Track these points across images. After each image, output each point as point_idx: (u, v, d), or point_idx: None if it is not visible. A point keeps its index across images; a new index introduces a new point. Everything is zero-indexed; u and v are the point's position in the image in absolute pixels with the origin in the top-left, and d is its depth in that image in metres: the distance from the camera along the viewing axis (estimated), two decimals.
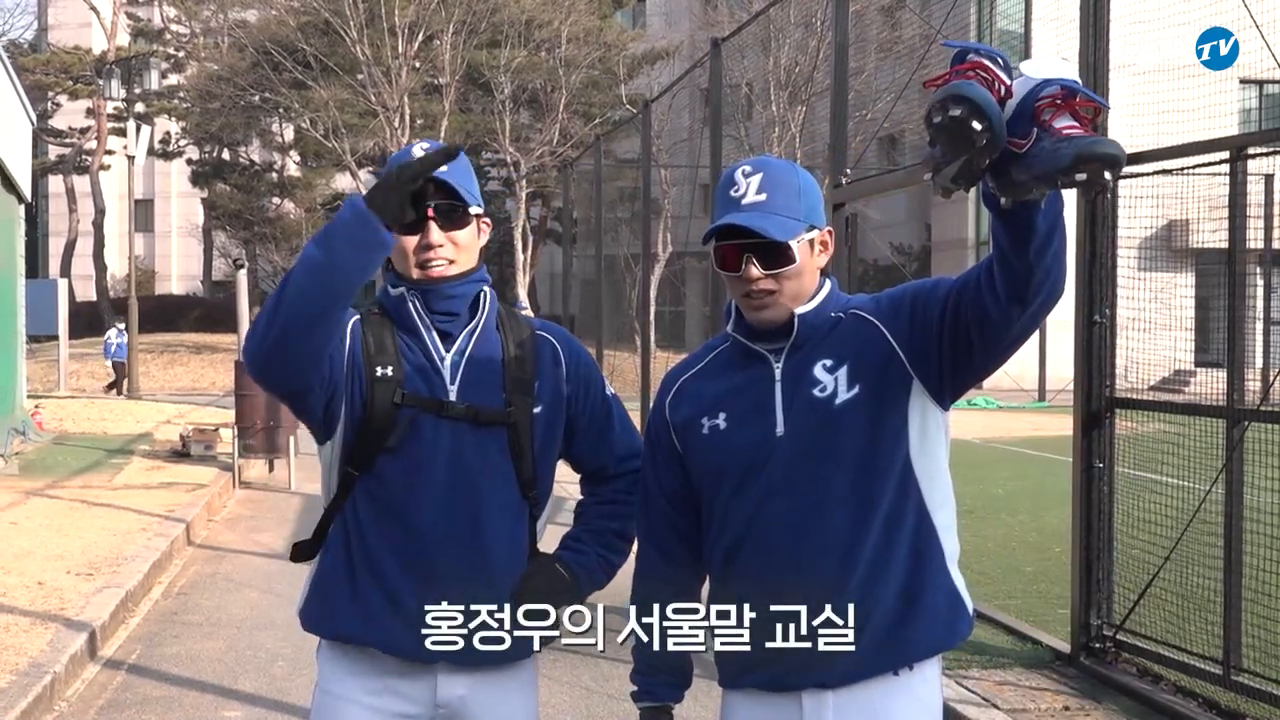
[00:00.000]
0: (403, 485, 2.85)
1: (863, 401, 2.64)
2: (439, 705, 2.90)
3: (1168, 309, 8.75)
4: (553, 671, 6.97)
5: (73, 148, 51.95)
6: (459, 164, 2.81)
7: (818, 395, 2.66)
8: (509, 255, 42.29)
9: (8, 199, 19.04)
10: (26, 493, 13.33)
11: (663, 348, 25.07)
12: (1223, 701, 6.00)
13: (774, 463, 2.67)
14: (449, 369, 2.89)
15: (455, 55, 38.29)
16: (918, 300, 2.66)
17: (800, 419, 2.66)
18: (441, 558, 2.83)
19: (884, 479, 2.64)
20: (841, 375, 2.66)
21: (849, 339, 2.69)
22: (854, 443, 2.63)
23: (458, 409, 2.87)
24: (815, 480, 2.65)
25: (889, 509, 2.63)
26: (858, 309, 2.73)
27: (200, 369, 37.21)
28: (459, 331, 2.92)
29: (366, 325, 2.90)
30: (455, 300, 2.90)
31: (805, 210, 2.70)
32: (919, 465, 2.67)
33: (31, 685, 6.51)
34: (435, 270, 2.87)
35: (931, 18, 13.57)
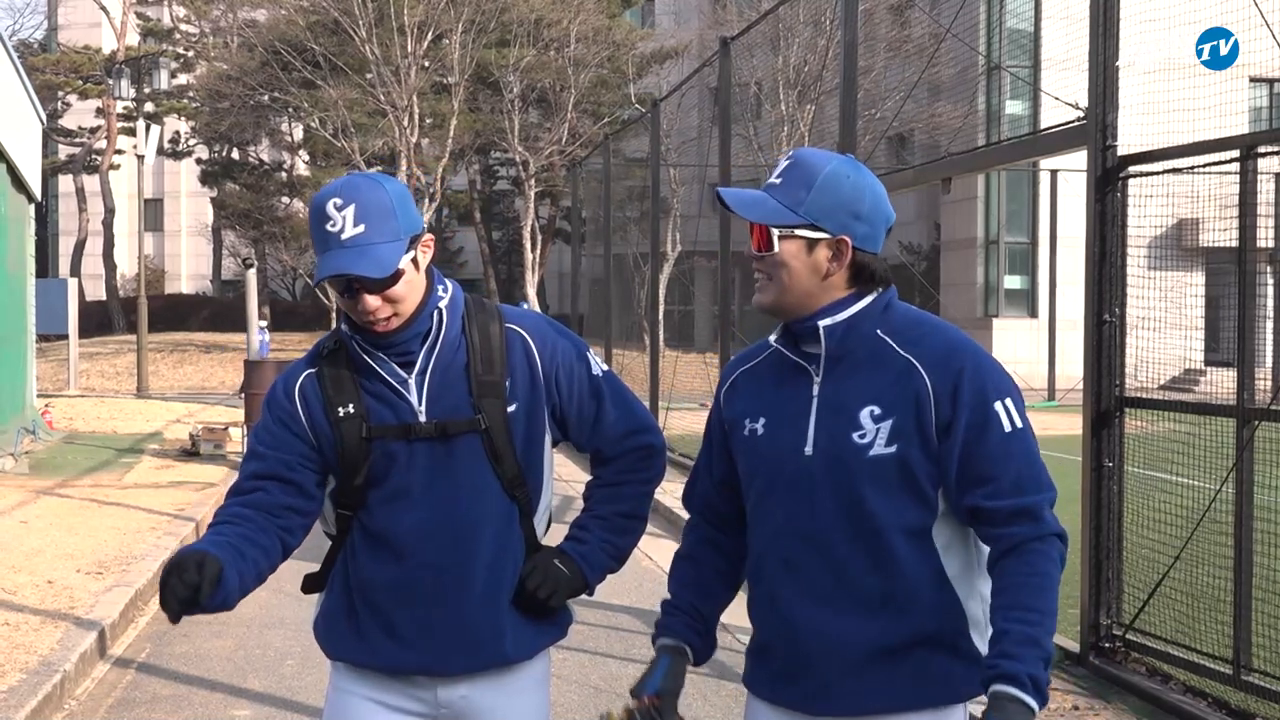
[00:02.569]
0: (387, 515, 2.90)
1: (894, 461, 2.58)
2: (441, 705, 2.95)
3: (1178, 308, 8.74)
4: (561, 670, 6.98)
5: (82, 147, 52.05)
6: (373, 220, 2.74)
7: (856, 440, 2.60)
8: (518, 254, 42.32)
9: (18, 198, 19.08)
10: (36, 491, 13.35)
11: (671, 347, 25.08)
12: (1232, 701, 5.99)
13: (800, 481, 2.65)
14: (414, 390, 2.88)
15: (464, 54, 38.28)
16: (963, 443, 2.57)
17: (832, 452, 2.62)
18: (428, 579, 2.88)
19: (898, 536, 2.60)
20: (885, 428, 2.59)
21: (898, 388, 2.60)
22: (876, 495, 2.59)
23: (426, 429, 2.86)
24: (829, 515, 2.62)
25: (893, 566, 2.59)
26: (915, 358, 2.61)
27: (210, 368, 37.26)
28: (418, 352, 2.90)
29: (323, 370, 2.92)
30: (407, 341, 2.88)
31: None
32: (939, 532, 2.63)
33: (42, 684, 6.53)
34: (380, 328, 2.84)
35: (941, 17, 13.56)
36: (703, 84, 24.91)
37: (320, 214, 2.74)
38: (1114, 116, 6.76)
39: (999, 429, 2.56)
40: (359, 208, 2.72)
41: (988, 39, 25.76)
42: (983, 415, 2.56)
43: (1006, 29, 29.25)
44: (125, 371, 34.93)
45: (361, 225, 2.72)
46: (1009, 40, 30.05)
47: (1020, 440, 2.58)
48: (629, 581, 9.34)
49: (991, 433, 2.56)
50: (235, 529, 2.83)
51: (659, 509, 12.61)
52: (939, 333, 2.66)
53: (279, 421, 2.93)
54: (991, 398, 2.57)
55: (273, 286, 50.82)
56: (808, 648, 2.65)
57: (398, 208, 2.77)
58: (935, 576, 2.61)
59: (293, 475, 2.89)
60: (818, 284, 2.64)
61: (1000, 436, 2.55)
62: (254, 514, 2.87)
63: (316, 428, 2.89)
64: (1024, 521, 2.54)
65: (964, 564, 2.64)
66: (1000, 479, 2.54)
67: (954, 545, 2.63)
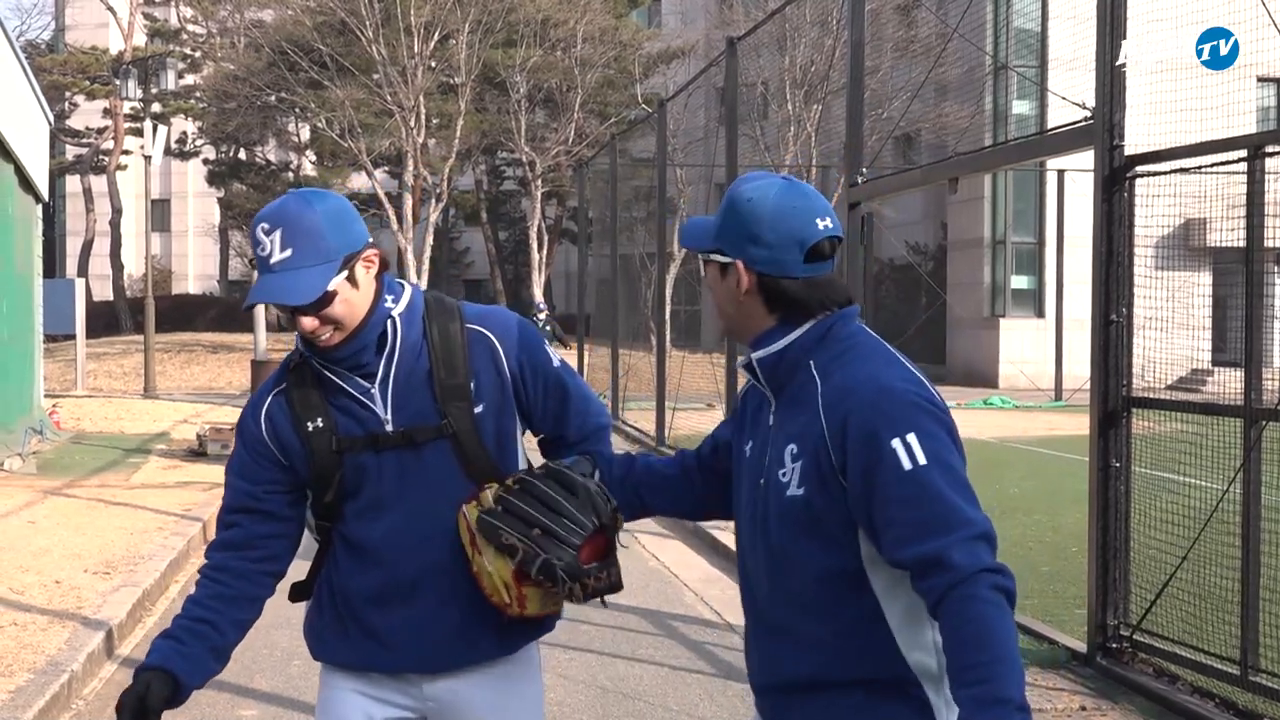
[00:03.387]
0: (363, 524, 2.93)
1: (803, 504, 2.49)
2: (428, 699, 3.00)
3: (1185, 308, 8.72)
4: (568, 671, 6.98)
5: (90, 148, 52.15)
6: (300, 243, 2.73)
7: (780, 479, 2.53)
8: (524, 254, 42.36)
9: (25, 199, 19.11)
10: (44, 491, 13.37)
11: (678, 347, 25.06)
12: (1240, 702, 5.98)
13: (750, 512, 2.64)
14: (379, 400, 2.89)
15: (471, 55, 38.32)
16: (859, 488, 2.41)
17: (767, 489, 2.57)
18: (404, 584, 2.92)
19: (820, 579, 2.50)
20: (796, 470, 2.49)
21: (807, 428, 2.49)
22: (792, 537, 2.51)
23: (392, 438, 2.88)
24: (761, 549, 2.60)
25: (813, 605, 2.51)
26: (820, 396, 2.49)
27: (217, 368, 37.27)
28: (376, 363, 2.89)
29: (290, 388, 2.95)
30: (357, 354, 2.87)
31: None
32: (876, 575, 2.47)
33: (49, 683, 6.54)
34: (323, 344, 2.86)
35: (948, 16, 13.55)
36: (709, 84, 24.88)
37: (253, 238, 2.77)
38: (1121, 116, 6.76)
39: (894, 469, 2.35)
40: (285, 231, 2.72)
41: (995, 39, 25.71)
42: (873, 456, 2.37)
43: (1013, 29, 29.21)
44: (132, 371, 34.96)
45: (289, 250, 2.72)
46: (1016, 40, 30.02)
47: (921, 479, 2.34)
48: (635, 581, 9.33)
49: (885, 474, 2.36)
50: (213, 589, 2.94)
51: None
52: (851, 365, 2.51)
53: (248, 448, 2.98)
54: (885, 435, 2.37)
55: None
56: (755, 682, 2.69)
57: (328, 228, 2.75)
58: (869, 622, 2.47)
59: (261, 505, 2.95)
60: (737, 310, 2.60)
61: (896, 478, 2.35)
62: (233, 560, 2.96)
63: (286, 446, 2.92)
64: (935, 572, 2.31)
65: (907, 611, 2.47)
66: (899, 525, 2.35)
67: (897, 590, 2.46)
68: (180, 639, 2.89)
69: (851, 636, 2.48)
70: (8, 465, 15.27)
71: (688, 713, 6.52)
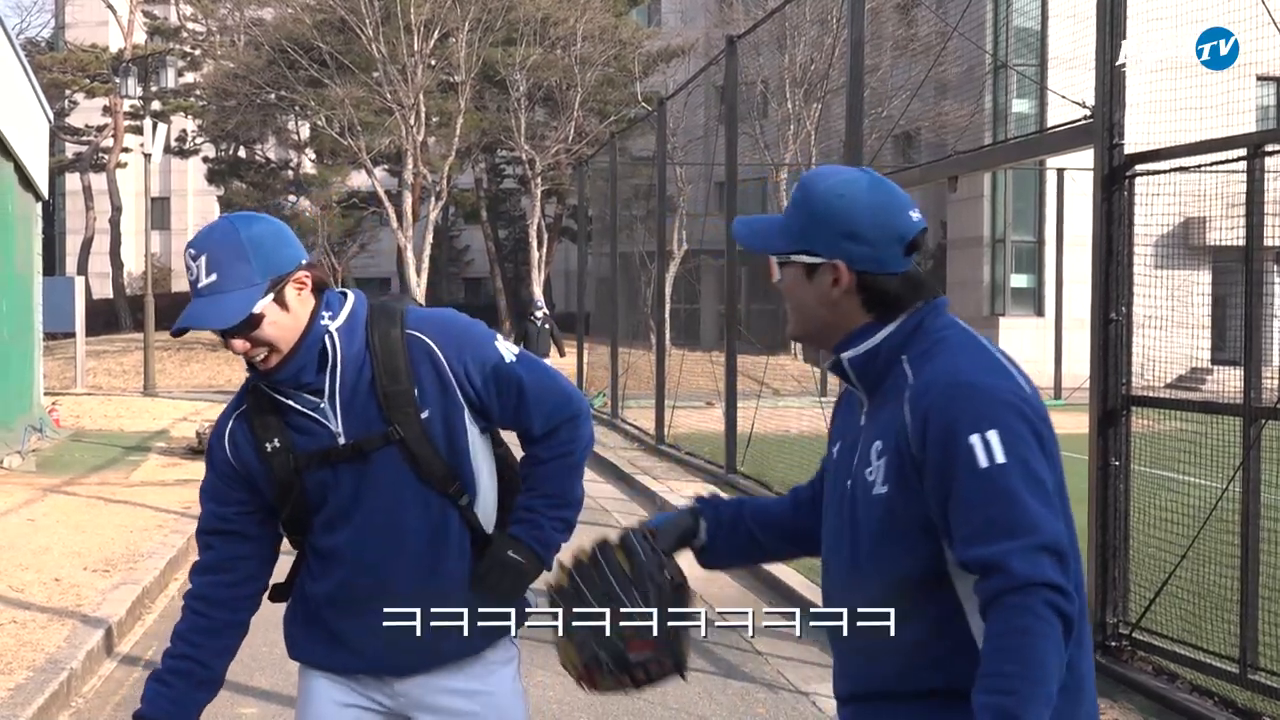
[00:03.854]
0: (326, 535, 3.01)
1: (885, 502, 2.41)
2: (399, 694, 3.07)
3: (1184, 307, 8.72)
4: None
5: (89, 146, 52.12)
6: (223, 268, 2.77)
7: (867, 477, 2.44)
8: (524, 253, 42.35)
9: (25, 197, 19.11)
10: (44, 489, 13.37)
11: (678, 345, 25.06)
12: (1239, 700, 5.98)
13: (837, 516, 2.54)
14: (330, 415, 2.94)
15: (470, 53, 38.31)
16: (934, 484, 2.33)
17: (855, 489, 2.48)
18: (363, 589, 2.97)
19: (900, 581, 2.41)
20: (881, 466, 2.41)
21: (893, 424, 2.41)
22: (877, 538, 2.43)
23: (343, 452, 2.93)
24: (848, 550, 2.50)
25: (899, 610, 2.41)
26: (905, 391, 2.41)
27: (216, 366, 37.26)
28: (321, 380, 2.92)
29: (251, 409, 3.00)
30: (297, 374, 2.90)
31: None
32: (962, 581, 2.36)
33: (49, 681, 6.54)
34: (262, 366, 2.90)
35: (948, 15, 13.54)
36: (709, 82, 24.87)
37: (185, 263, 2.82)
38: (1121, 115, 6.76)
39: (969, 466, 2.26)
40: (209, 257, 2.77)
41: (994, 37, 25.71)
42: (950, 452, 2.28)
43: (1013, 27, 29.22)
44: (132, 369, 34.96)
45: (214, 274, 2.77)
46: (1016, 39, 30.02)
47: (994, 478, 2.25)
48: None
49: (960, 471, 2.27)
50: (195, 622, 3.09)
51: (665, 508, 12.61)
52: (939, 359, 2.42)
53: (215, 470, 3.06)
54: (964, 431, 2.28)
55: None
56: (837, 688, 2.62)
57: (252, 252, 2.77)
58: (952, 629, 2.37)
59: (231, 526, 3.05)
60: (830, 311, 2.49)
61: (970, 475, 2.26)
62: (212, 587, 3.08)
63: (249, 467, 2.99)
64: (993, 575, 2.22)
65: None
66: (967, 524, 2.27)
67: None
68: (167, 682, 3.03)
69: (934, 644, 2.38)
70: (7, 463, 15.27)
71: (687, 711, 6.52)
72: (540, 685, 6.73)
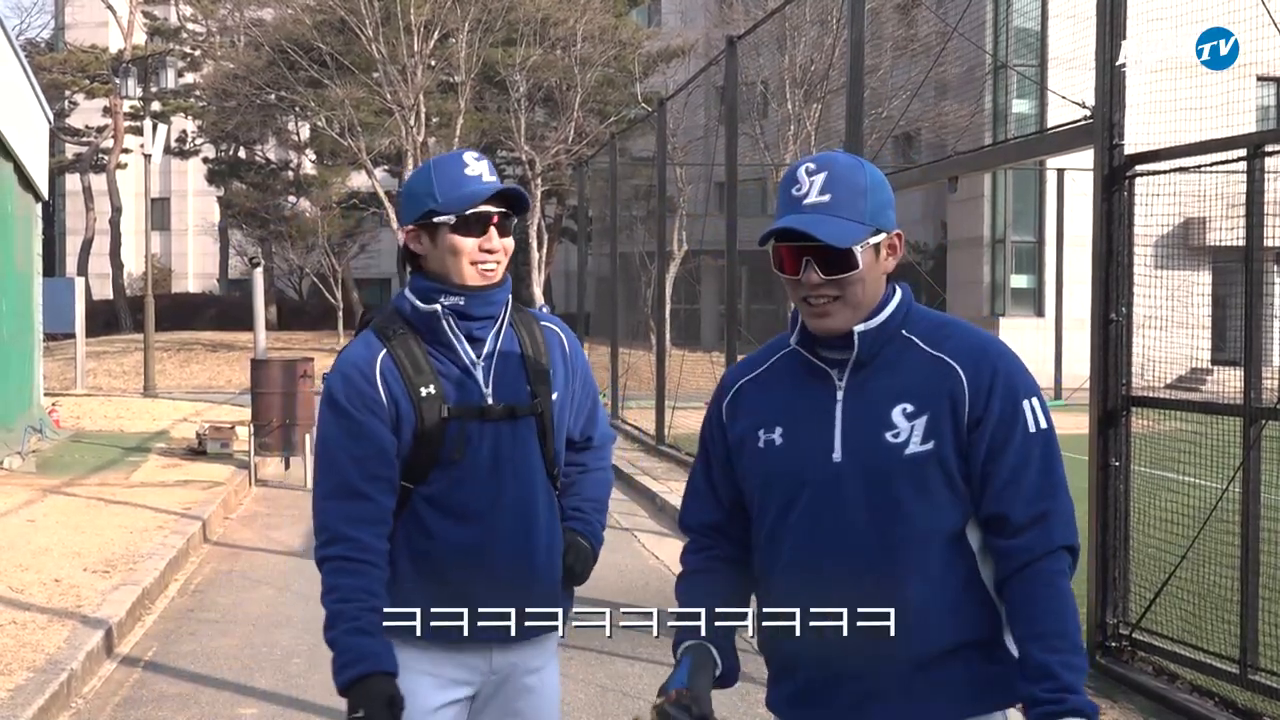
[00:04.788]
0: (457, 488, 3.01)
1: (932, 458, 2.50)
2: (493, 672, 3.09)
3: (1184, 307, 8.72)
4: (568, 669, 6.97)
5: (90, 146, 52.13)
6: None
7: (889, 439, 2.51)
8: (524, 253, 42.28)
9: (25, 197, 19.11)
10: (44, 490, 13.37)
11: (678, 346, 25.06)
12: (1239, 700, 5.98)
13: (829, 489, 2.55)
14: (481, 373, 3.04)
15: (470, 53, 38.30)
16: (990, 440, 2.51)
17: (864, 455, 2.53)
18: (500, 548, 3.02)
19: (934, 541, 2.51)
20: (919, 425, 2.51)
21: (930, 384, 2.53)
22: (914, 497, 2.50)
23: (497, 410, 3.03)
24: (864, 523, 2.52)
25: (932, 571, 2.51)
26: (947, 355, 2.55)
27: (216, 367, 37.29)
28: (487, 335, 3.05)
29: (395, 351, 3.00)
30: (496, 305, 3.05)
31: (871, 211, 2.53)
32: (973, 534, 2.55)
33: (49, 682, 6.54)
34: (490, 274, 3.01)
35: (947, 15, 13.54)
36: (709, 83, 24.87)
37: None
38: (1121, 115, 6.76)
39: (1024, 428, 2.50)
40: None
41: (994, 38, 25.71)
42: (1011, 411, 2.50)
43: (1013, 28, 29.22)
44: (132, 370, 34.98)
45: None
46: (1016, 39, 30.02)
47: (1042, 442, 2.52)
48: (635, 580, 9.35)
49: (1018, 431, 2.50)
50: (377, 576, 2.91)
51: (665, 509, 12.61)
52: (964, 328, 2.62)
53: (359, 411, 2.95)
54: (1021, 394, 2.52)
55: (279, 285, 50.84)
56: (834, 667, 2.55)
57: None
58: (972, 581, 2.53)
59: (387, 472, 2.96)
60: (877, 286, 2.57)
61: (1024, 436, 2.50)
62: (379, 539, 2.95)
63: (399, 408, 2.97)
64: (1032, 530, 2.46)
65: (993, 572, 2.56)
66: (1014, 483, 2.48)
67: (987, 552, 2.55)
68: (373, 634, 2.85)
69: (958, 596, 2.52)
70: (7, 464, 15.27)
71: None
72: None
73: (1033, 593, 2.45)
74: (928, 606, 2.50)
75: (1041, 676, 2.39)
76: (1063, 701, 2.37)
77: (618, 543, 10.92)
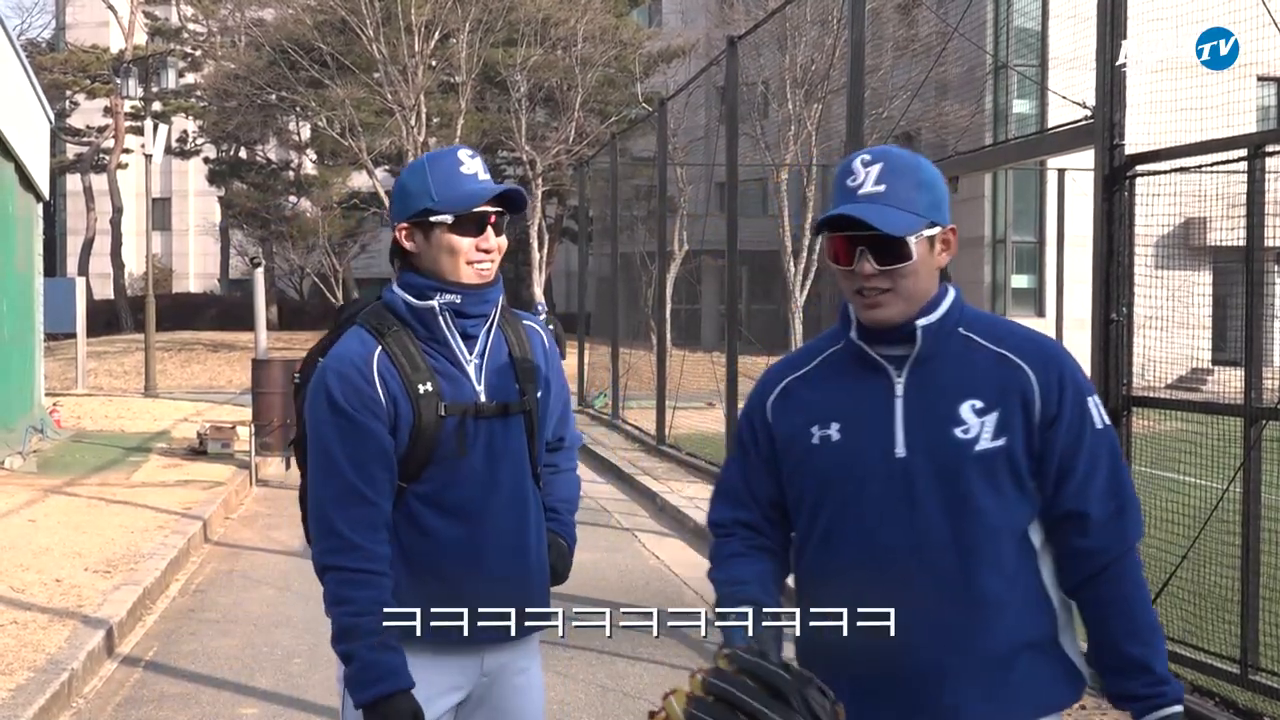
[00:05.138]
0: (453, 485, 3.01)
1: (1003, 455, 2.50)
2: (484, 674, 3.08)
3: (1185, 307, 8.72)
4: (569, 669, 6.98)
5: (90, 146, 52.11)
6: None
7: (959, 435, 2.51)
8: (524, 253, 42.31)
9: (26, 198, 19.11)
10: (45, 490, 13.38)
11: (679, 346, 25.07)
12: (1240, 700, 5.98)
13: (896, 485, 2.52)
14: (474, 371, 3.04)
15: (471, 54, 38.29)
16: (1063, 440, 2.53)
17: (931, 451, 2.52)
18: (495, 545, 3.03)
19: (1004, 537, 2.51)
20: (990, 421, 2.51)
21: (999, 382, 2.53)
22: (984, 492, 2.49)
23: (490, 408, 3.03)
24: (936, 518, 2.50)
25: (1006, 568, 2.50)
26: (1011, 353, 2.56)
27: (217, 367, 37.27)
28: (479, 333, 3.06)
29: (391, 348, 2.97)
30: (490, 304, 3.05)
31: (927, 204, 2.53)
32: (1035, 532, 2.56)
33: (50, 682, 6.54)
34: (485, 272, 3.00)
35: (948, 15, 13.54)
36: (710, 83, 24.88)
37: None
38: (1121, 115, 6.76)
39: (1091, 425, 2.54)
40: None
41: (995, 38, 25.69)
42: (1081, 412, 2.54)
43: (1014, 28, 29.20)
44: (133, 370, 34.96)
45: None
46: (1016, 39, 30.00)
47: (1108, 440, 2.58)
48: (636, 580, 9.35)
49: (1086, 430, 2.53)
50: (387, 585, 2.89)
51: (665, 509, 12.62)
52: (1020, 327, 2.64)
53: (359, 412, 2.92)
54: (1085, 391, 2.57)
55: (280, 285, 50.83)
56: (902, 663, 2.51)
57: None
58: (1034, 578, 2.55)
59: (389, 475, 2.95)
60: (931, 280, 2.57)
61: (1093, 433, 2.54)
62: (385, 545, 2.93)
63: (397, 407, 2.95)
64: (1111, 526, 2.52)
65: (1052, 566, 2.58)
66: (1093, 479, 2.53)
67: (1046, 547, 2.57)
68: (396, 649, 2.84)
69: (1023, 593, 2.53)
70: (8, 464, 15.28)
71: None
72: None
73: (1124, 592, 2.52)
74: (1002, 602, 2.50)
75: (1139, 671, 2.48)
76: (1163, 695, 2.47)
77: (618, 543, 10.92)
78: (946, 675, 2.49)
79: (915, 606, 2.48)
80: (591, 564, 9.77)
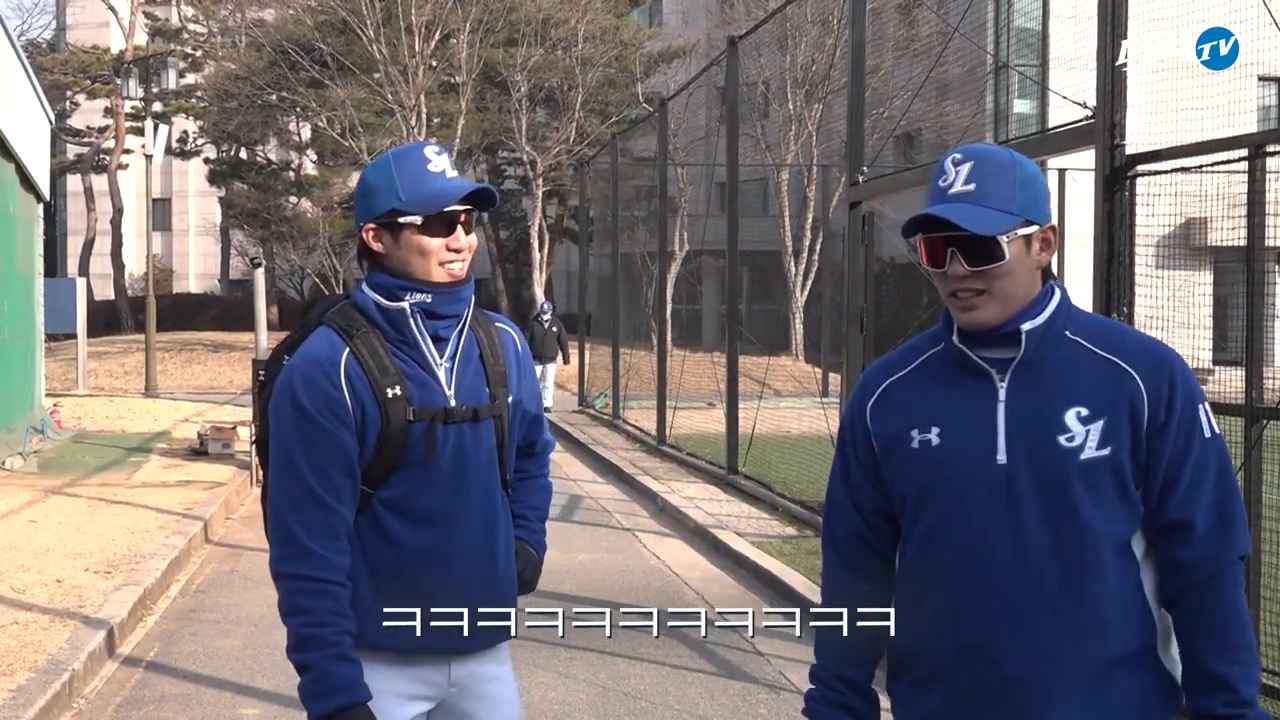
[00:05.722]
0: (420, 491, 2.95)
1: (1108, 464, 2.44)
2: (451, 684, 3.03)
3: (1186, 307, 8.72)
4: (570, 670, 6.98)
5: (91, 147, 52.11)
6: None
7: (1064, 443, 2.43)
8: (525, 254, 42.36)
9: (27, 198, 19.12)
10: (45, 490, 13.38)
11: (679, 346, 25.07)
12: None
13: (998, 491, 2.46)
14: (444, 374, 2.98)
15: (472, 54, 38.30)
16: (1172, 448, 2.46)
17: (1034, 458, 2.45)
18: (463, 552, 2.97)
19: (1106, 548, 2.45)
20: (1095, 429, 2.43)
21: (1105, 388, 2.46)
22: (1089, 502, 2.43)
23: (460, 412, 2.97)
24: (1038, 527, 2.44)
25: (1108, 579, 2.44)
26: (1119, 359, 2.48)
27: (218, 367, 37.25)
28: (450, 335, 2.99)
29: (359, 350, 2.91)
30: (462, 304, 2.99)
31: (1022, 203, 2.46)
32: (1137, 542, 2.50)
33: (50, 682, 6.54)
34: (457, 271, 2.93)
35: (949, 15, 13.54)
36: (710, 83, 24.91)
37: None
38: (1122, 116, 6.75)
39: (1201, 433, 2.47)
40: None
41: (995, 38, 25.67)
42: (1191, 420, 2.46)
43: (1014, 28, 29.19)
44: (133, 371, 34.95)
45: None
46: (1017, 39, 29.98)
47: (1218, 449, 2.49)
48: (636, 580, 9.34)
49: (1195, 438, 2.46)
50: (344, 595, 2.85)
51: (666, 509, 12.61)
52: (1131, 331, 2.59)
53: (323, 415, 2.86)
54: (1197, 399, 2.48)
55: (281, 286, 50.85)
56: (1002, 672, 2.46)
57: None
58: (1135, 590, 2.47)
59: (351, 482, 2.90)
60: (1030, 281, 2.49)
61: (1202, 442, 2.46)
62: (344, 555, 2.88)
63: (364, 411, 2.88)
64: (1214, 537, 2.44)
65: (1154, 577, 2.51)
66: (1199, 488, 2.45)
67: (1148, 558, 2.50)
68: (354, 660, 2.84)
69: (1124, 605, 2.46)
70: (9, 464, 15.28)
71: (689, 711, 6.52)
72: (542, 685, 6.74)
73: (1220, 606, 2.43)
74: (1103, 614, 2.44)
75: (1220, 689, 2.40)
76: (1243, 717, 2.39)
77: (618, 543, 10.92)
78: (1046, 686, 2.44)
79: (1015, 616, 2.44)
80: (592, 564, 9.79)
